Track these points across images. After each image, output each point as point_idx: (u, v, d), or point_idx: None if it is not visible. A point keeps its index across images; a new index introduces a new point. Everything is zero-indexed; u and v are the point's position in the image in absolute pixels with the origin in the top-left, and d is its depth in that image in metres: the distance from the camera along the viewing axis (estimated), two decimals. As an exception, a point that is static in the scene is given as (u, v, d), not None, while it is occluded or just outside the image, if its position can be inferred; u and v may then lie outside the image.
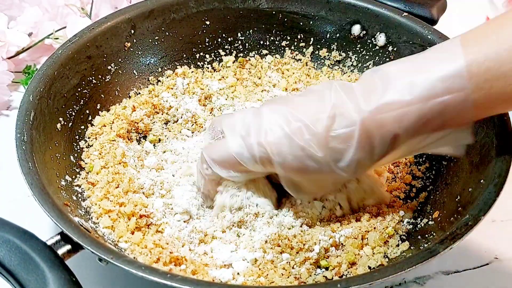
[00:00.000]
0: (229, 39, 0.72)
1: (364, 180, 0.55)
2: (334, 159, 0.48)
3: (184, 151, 0.61)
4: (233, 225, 0.53)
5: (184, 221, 0.54)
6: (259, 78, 0.71)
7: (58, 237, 0.45)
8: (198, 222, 0.54)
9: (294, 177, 0.50)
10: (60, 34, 0.78)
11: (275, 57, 0.72)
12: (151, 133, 0.64)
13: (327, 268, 0.51)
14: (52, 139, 0.56)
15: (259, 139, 0.48)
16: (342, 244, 0.52)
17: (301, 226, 0.53)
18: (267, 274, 0.50)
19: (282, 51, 0.73)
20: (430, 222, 0.53)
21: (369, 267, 0.50)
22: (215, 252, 0.52)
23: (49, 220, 0.46)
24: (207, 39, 0.71)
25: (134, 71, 0.67)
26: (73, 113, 0.60)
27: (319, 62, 0.72)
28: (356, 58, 0.70)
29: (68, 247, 0.45)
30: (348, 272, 0.51)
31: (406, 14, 0.67)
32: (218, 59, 0.72)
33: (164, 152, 0.62)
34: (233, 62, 0.71)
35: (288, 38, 0.72)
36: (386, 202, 0.56)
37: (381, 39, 0.68)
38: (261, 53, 0.72)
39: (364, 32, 0.69)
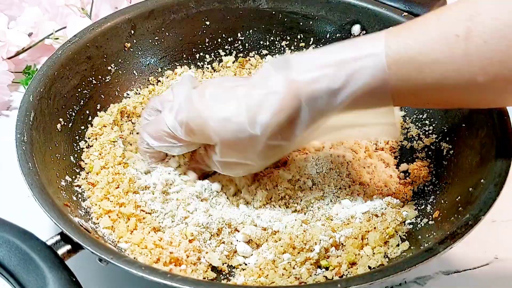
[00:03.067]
0: (229, 39, 0.72)
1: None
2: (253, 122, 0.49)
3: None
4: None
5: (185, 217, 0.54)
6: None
7: (58, 237, 0.45)
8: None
9: (222, 149, 0.51)
10: (60, 34, 0.78)
11: (275, 57, 0.72)
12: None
13: (327, 268, 0.51)
14: (52, 140, 0.56)
15: (190, 114, 0.51)
16: (342, 244, 0.52)
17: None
18: (268, 274, 0.50)
19: (282, 51, 0.73)
20: (430, 222, 0.53)
21: (369, 267, 0.50)
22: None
23: (49, 220, 0.46)
24: (207, 39, 0.71)
25: (134, 71, 0.67)
26: (73, 114, 0.60)
27: (319, 62, 0.72)
28: (356, 58, 0.70)
29: (68, 247, 0.45)
30: (348, 272, 0.51)
31: (406, 14, 0.67)
32: (218, 59, 0.72)
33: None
34: (233, 62, 0.71)
35: (288, 38, 0.72)
36: None
37: (381, 39, 0.68)
38: (261, 53, 0.72)
39: (364, 32, 0.69)
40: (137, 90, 0.67)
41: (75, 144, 0.59)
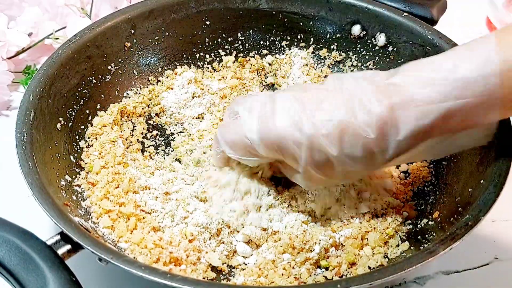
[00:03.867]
0: (229, 39, 0.72)
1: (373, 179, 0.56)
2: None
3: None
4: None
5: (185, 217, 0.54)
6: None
7: (58, 237, 0.45)
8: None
9: (310, 169, 0.49)
10: (60, 34, 0.78)
11: (275, 57, 0.72)
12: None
13: (327, 268, 0.51)
14: (52, 139, 0.56)
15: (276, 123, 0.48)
16: (342, 244, 0.52)
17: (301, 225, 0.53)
18: (267, 274, 0.50)
19: (282, 51, 0.73)
20: (430, 222, 0.53)
21: (369, 267, 0.50)
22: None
23: (49, 220, 0.46)
24: (207, 39, 0.71)
25: (134, 71, 0.67)
26: (73, 113, 0.60)
27: (319, 62, 0.72)
28: (356, 58, 0.70)
29: (68, 247, 0.45)
30: (348, 272, 0.51)
31: (406, 14, 0.67)
32: (218, 59, 0.72)
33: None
34: (233, 62, 0.71)
35: (288, 38, 0.72)
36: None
37: (381, 39, 0.68)
38: (261, 53, 0.72)
39: (364, 32, 0.69)
40: (137, 90, 0.67)
41: (75, 144, 0.59)
